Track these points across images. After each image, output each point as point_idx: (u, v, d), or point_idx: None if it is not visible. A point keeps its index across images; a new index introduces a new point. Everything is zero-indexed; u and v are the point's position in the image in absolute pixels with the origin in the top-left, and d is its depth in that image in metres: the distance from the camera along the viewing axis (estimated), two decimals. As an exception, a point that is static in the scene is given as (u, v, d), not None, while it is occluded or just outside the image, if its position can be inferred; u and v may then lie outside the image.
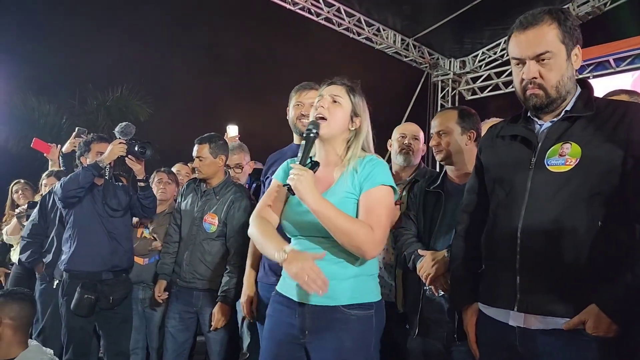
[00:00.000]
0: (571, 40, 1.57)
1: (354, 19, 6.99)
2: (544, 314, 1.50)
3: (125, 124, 3.30)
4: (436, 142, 2.25)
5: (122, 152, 3.18)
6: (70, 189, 3.12)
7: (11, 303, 2.37)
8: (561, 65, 1.56)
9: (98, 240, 3.20)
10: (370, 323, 1.75)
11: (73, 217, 3.25)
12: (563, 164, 1.52)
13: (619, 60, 6.82)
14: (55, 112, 10.17)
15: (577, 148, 1.51)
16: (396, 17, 7.25)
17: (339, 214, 1.66)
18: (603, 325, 1.41)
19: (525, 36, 1.58)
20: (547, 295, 1.49)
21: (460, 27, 7.21)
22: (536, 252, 1.52)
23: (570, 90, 1.59)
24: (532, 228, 1.53)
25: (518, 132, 1.66)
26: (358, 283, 1.75)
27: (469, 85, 8.43)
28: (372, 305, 1.76)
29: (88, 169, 3.14)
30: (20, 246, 3.86)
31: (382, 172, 1.76)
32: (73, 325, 3.13)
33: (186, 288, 3.01)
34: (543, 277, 1.50)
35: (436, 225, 2.17)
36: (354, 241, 1.65)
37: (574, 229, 1.47)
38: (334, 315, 1.71)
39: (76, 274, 3.16)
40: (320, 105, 1.80)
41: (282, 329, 1.80)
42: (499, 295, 1.60)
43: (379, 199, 1.73)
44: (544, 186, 1.54)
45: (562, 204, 1.50)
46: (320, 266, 1.67)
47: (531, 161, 1.58)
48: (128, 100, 10.80)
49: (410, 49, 7.78)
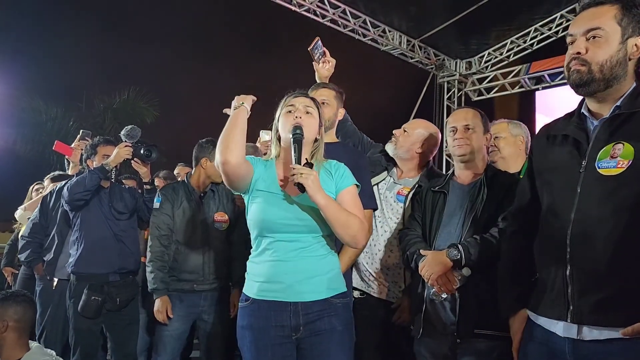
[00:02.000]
0: (632, 26, 1.48)
1: (359, 21, 6.98)
2: (599, 325, 1.41)
3: (131, 127, 3.31)
4: (462, 135, 2.20)
5: (128, 155, 3.20)
6: (77, 192, 3.13)
7: (15, 305, 2.37)
8: (612, 45, 1.47)
9: (105, 242, 3.22)
10: (350, 308, 2.05)
11: (80, 219, 3.26)
12: (614, 166, 1.41)
13: None
14: (63, 114, 10.23)
15: (629, 148, 1.40)
16: (402, 19, 7.23)
17: (342, 208, 1.86)
18: None
19: (583, 14, 1.53)
20: (600, 305, 1.41)
21: (466, 28, 7.17)
22: (587, 261, 1.43)
23: (619, 78, 1.48)
24: (582, 235, 1.44)
25: (569, 131, 1.56)
26: (335, 276, 1.94)
27: (475, 86, 8.40)
28: (346, 294, 1.99)
29: (94, 172, 3.15)
30: (20, 245, 3.87)
31: (351, 173, 1.99)
32: (80, 326, 3.14)
33: (196, 291, 2.98)
34: (595, 286, 1.41)
35: (440, 225, 2.16)
36: (352, 231, 1.86)
37: (626, 236, 1.38)
38: (324, 307, 1.88)
39: (83, 276, 3.17)
40: (298, 115, 1.95)
41: (270, 333, 1.85)
42: (550, 304, 1.52)
43: (355, 195, 1.96)
44: (595, 191, 1.44)
45: (614, 210, 1.40)
46: (305, 266, 1.87)
47: (582, 164, 1.48)
48: (135, 102, 10.83)
49: (416, 50, 7.76)
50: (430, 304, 2.12)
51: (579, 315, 1.43)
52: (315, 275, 1.88)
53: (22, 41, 10.43)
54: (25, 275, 4.14)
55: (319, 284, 1.88)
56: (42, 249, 3.73)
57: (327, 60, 2.68)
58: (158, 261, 2.96)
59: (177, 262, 2.99)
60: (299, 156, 1.82)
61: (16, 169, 9.31)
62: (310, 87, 2.56)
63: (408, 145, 2.60)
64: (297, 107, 1.96)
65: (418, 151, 2.60)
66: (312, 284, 1.87)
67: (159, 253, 2.97)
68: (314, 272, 1.88)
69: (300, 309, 1.85)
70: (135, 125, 3.41)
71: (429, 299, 2.11)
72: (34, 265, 3.78)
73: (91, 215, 3.24)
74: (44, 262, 3.69)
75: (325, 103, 2.43)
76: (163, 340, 2.94)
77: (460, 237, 2.09)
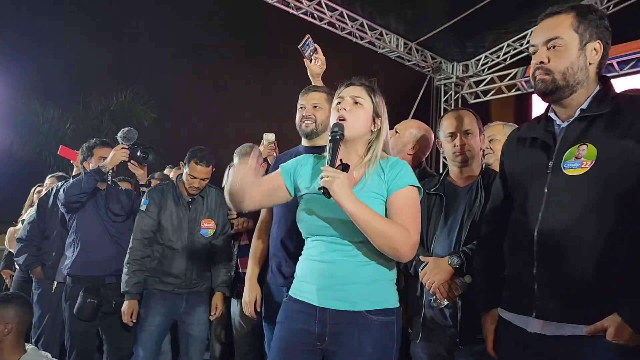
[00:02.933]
0: (590, 32, 1.54)
1: (356, 24, 7.00)
2: (563, 321, 1.46)
3: (128, 129, 3.32)
4: (464, 142, 2.18)
5: (124, 157, 3.21)
6: (73, 194, 3.14)
7: (16, 307, 2.39)
8: (572, 53, 1.54)
9: (101, 244, 3.22)
10: (392, 329, 1.71)
11: (76, 221, 3.27)
12: (579, 166, 1.48)
13: (622, 63, 6.81)
14: (60, 116, 10.19)
15: (592, 149, 1.47)
16: (399, 22, 7.25)
17: (377, 216, 1.64)
18: (625, 334, 1.36)
19: (542, 24, 1.60)
20: (565, 301, 1.46)
21: (462, 31, 7.20)
22: (553, 259, 1.48)
23: (582, 83, 1.55)
24: (549, 234, 1.49)
25: (537, 134, 1.63)
26: (379, 288, 1.72)
27: (471, 89, 8.43)
28: (393, 311, 1.73)
29: (90, 174, 3.16)
30: (15, 248, 3.85)
31: (409, 173, 1.75)
32: (76, 329, 3.14)
33: (176, 294, 3.05)
34: (561, 283, 1.47)
35: (437, 229, 2.15)
36: (392, 243, 1.63)
37: (591, 235, 1.43)
38: (356, 320, 1.67)
39: (79, 279, 3.17)
40: (342, 107, 1.77)
41: (296, 336, 1.74)
42: (517, 301, 1.58)
43: (410, 200, 1.71)
44: (561, 191, 1.50)
45: (578, 209, 1.46)
46: (341, 271, 1.69)
47: (549, 165, 1.55)
48: (132, 104, 10.81)
49: (413, 53, 7.78)
50: (430, 309, 2.11)
51: (543, 311, 1.49)
52: (350, 283, 1.68)
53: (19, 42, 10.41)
54: (21, 278, 4.11)
55: (353, 292, 1.68)
56: (39, 252, 3.72)
57: (318, 58, 2.69)
58: (135, 265, 3.00)
59: (162, 265, 3.04)
60: (332, 157, 1.66)
61: (13, 171, 9.28)
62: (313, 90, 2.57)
63: (400, 147, 2.59)
64: (345, 98, 1.78)
65: (410, 152, 2.59)
66: (345, 291, 1.68)
67: (138, 257, 3.02)
68: (349, 279, 1.68)
69: (328, 316, 1.69)
70: (132, 127, 3.42)
71: (429, 304, 2.11)
72: (32, 269, 3.76)
73: (87, 217, 3.25)
74: (43, 266, 3.68)
75: (317, 107, 2.43)
76: (145, 334, 3.00)
77: (459, 242, 2.08)
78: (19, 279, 4.15)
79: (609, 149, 1.45)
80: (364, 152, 1.80)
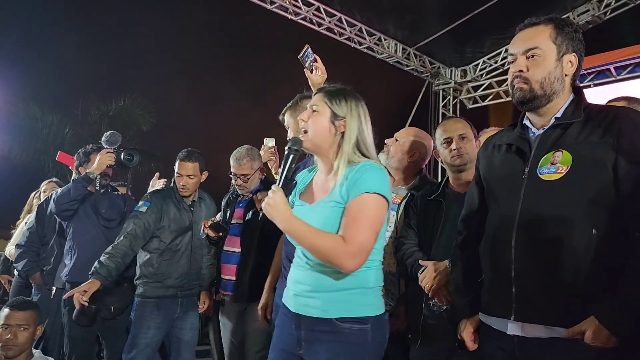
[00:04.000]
0: (566, 44, 1.59)
1: (355, 29, 7.03)
2: (541, 323, 1.49)
3: (111, 132, 3.32)
4: (459, 145, 2.22)
5: (110, 161, 3.22)
6: (63, 203, 3.15)
7: (39, 311, 2.58)
8: (549, 63, 1.58)
9: (98, 250, 3.20)
10: (365, 338, 1.65)
11: (72, 228, 3.28)
12: (554, 172, 1.52)
13: (619, 68, 6.84)
14: (59, 122, 10.21)
15: (567, 155, 1.52)
16: (397, 27, 7.28)
17: (308, 230, 1.63)
18: (602, 336, 1.40)
19: (521, 34, 1.65)
20: (543, 304, 1.49)
21: (460, 36, 7.23)
22: (530, 262, 1.52)
23: (558, 92, 1.60)
24: (526, 237, 1.53)
25: (512, 140, 1.67)
26: (352, 296, 1.67)
27: (470, 94, 8.45)
28: (367, 319, 1.67)
29: (79, 182, 3.17)
30: (15, 254, 3.85)
31: (370, 178, 1.64)
32: (75, 335, 3.14)
33: (176, 297, 3.06)
34: (538, 286, 1.50)
35: (437, 234, 2.16)
36: (324, 256, 1.62)
37: (566, 238, 1.47)
38: (327, 328, 1.66)
39: (78, 284, 3.15)
40: (301, 118, 1.78)
41: (285, 338, 1.78)
42: (496, 304, 1.61)
43: (361, 209, 1.63)
44: (536, 196, 1.54)
45: (554, 213, 1.49)
46: (312, 277, 1.70)
47: (524, 171, 1.59)
48: (131, 110, 10.81)
49: (412, 58, 7.80)
50: (429, 314, 2.12)
51: (521, 313, 1.52)
52: (323, 291, 1.68)
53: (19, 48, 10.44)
54: (20, 283, 4.11)
55: (325, 300, 1.67)
56: (38, 258, 3.72)
57: (317, 67, 2.71)
58: (118, 257, 2.94)
59: (162, 267, 3.04)
60: (280, 175, 1.70)
61: (12, 177, 9.29)
62: (307, 95, 2.59)
63: (400, 155, 2.60)
64: (307, 109, 1.80)
65: (410, 160, 2.60)
66: (317, 298, 1.68)
67: (122, 251, 2.96)
68: (323, 286, 1.68)
69: (302, 322, 1.71)
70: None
71: (429, 309, 2.12)
72: (31, 274, 3.76)
73: (82, 224, 3.26)
74: (42, 272, 3.67)
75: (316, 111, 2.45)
76: (138, 347, 2.98)
77: None
78: (18, 285, 4.14)
79: (584, 155, 1.50)
80: (334, 158, 1.75)
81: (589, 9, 6.78)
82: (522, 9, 6.34)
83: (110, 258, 2.93)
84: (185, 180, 3.10)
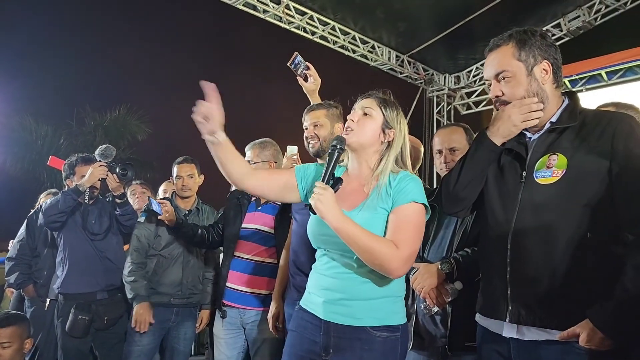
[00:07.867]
0: (533, 56, 1.60)
1: (348, 37, 7.06)
2: (536, 325, 1.51)
3: (105, 146, 3.28)
4: (449, 159, 2.26)
5: (102, 174, 3.17)
6: (52, 214, 3.12)
7: (27, 324, 2.50)
8: (522, 81, 1.61)
9: (90, 261, 3.21)
10: (395, 346, 1.70)
11: (63, 240, 3.26)
12: (550, 175, 1.55)
13: (610, 73, 6.89)
14: (53, 133, 10.18)
15: (563, 159, 1.54)
16: (390, 35, 7.32)
17: (362, 232, 1.62)
18: (596, 339, 1.41)
19: (488, 59, 1.68)
20: (538, 306, 1.51)
21: (453, 43, 7.28)
22: (526, 264, 1.54)
23: (545, 102, 1.61)
24: (522, 240, 1.55)
25: (510, 145, 1.69)
26: (385, 304, 1.71)
27: (463, 100, 8.50)
28: (398, 328, 1.71)
29: (68, 194, 3.14)
30: (6, 268, 3.81)
31: (415, 189, 1.71)
32: (68, 346, 3.11)
33: (170, 305, 3.06)
34: (533, 289, 1.52)
35: (429, 238, 2.18)
36: (377, 259, 1.61)
37: (562, 241, 1.49)
38: (359, 336, 1.67)
39: (71, 296, 3.16)
40: (351, 118, 1.81)
41: (304, 345, 1.76)
42: (492, 306, 1.62)
43: (409, 216, 1.68)
44: (533, 199, 1.56)
45: (550, 216, 1.51)
46: (347, 286, 1.70)
47: (522, 175, 1.61)
48: (126, 120, 10.80)
49: (405, 65, 7.85)
50: (421, 316, 2.13)
51: (516, 315, 1.53)
52: (354, 299, 1.69)
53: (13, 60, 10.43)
54: (19, 296, 4.07)
55: (357, 308, 1.68)
56: (30, 270, 3.69)
57: (311, 74, 2.73)
58: (140, 270, 3.03)
59: (157, 274, 3.06)
60: (325, 171, 1.68)
61: (7, 188, 9.25)
62: (303, 104, 2.60)
63: None
64: (355, 110, 1.82)
65: None
66: (349, 306, 1.69)
67: (141, 263, 3.05)
68: (354, 294, 1.69)
69: (332, 329, 1.70)
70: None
71: (420, 311, 2.12)
72: (24, 287, 3.73)
73: (73, 234, 3.24)
74: (35, 284, 3.65)
75: (317, 125, 2.47)
76: (132, 356, 2.97)
77: (451, 249, 2.11)
78: (16, 298, 4.11)
79: (579, 159, 1.52)
80: (376, 164, 1.79)
81: (580, 15, 6.83)
82: (513, 16, 6.41)
83: (142, 277, 3.02)
84: (186, 180, 3.18)
